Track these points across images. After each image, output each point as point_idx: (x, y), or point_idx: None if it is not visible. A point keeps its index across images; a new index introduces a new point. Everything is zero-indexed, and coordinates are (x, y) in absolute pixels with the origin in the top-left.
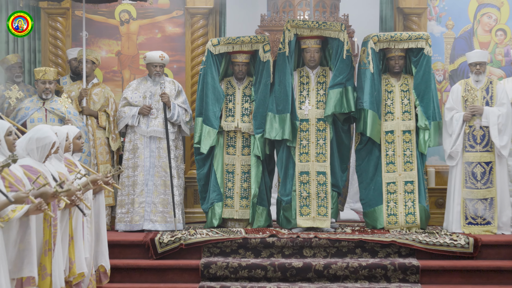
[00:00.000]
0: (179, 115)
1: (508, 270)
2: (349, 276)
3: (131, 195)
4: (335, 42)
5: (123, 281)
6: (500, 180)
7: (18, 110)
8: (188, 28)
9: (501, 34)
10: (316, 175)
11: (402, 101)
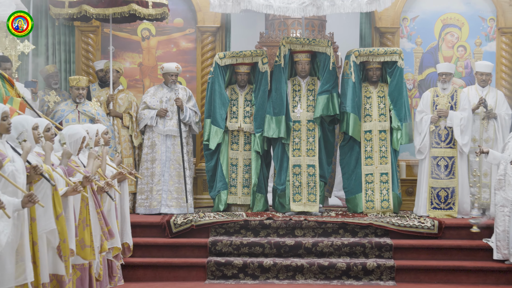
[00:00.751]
0: (190, 116)
1: (467, 248)
2: (333, 252)
3: (150, 184)
4: (323, 56)
5: (143, 256)
6: (461, 173)
7: (55, 112)
8: (199, 44)
9: (461, 50)
10: (306, 167)
11: (379, 106)
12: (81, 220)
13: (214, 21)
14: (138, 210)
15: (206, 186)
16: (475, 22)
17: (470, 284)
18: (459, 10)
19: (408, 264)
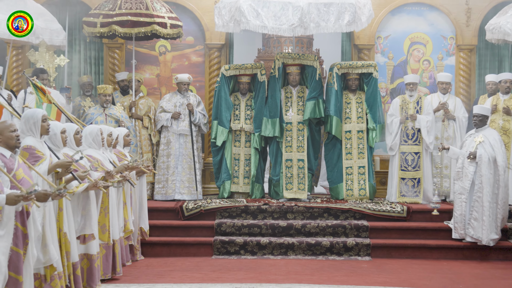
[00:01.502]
0: (199, 119)
1: (431, 229)
2: (319, 232)
3: (166, 175)
4: (310, 68)
5: (160, 236)
6: (425, 165)
7: (86, 115)
8: (207, 58)
9: (426, 63)
10: (297, 161)
11: (357, 110)
12: (103, 209)
13: (220, 39)
14: (156, 197)
15: (212, 177)
16: (438, 40)
17: (433, 259)
18: (424, 30)
19: (381, 243)
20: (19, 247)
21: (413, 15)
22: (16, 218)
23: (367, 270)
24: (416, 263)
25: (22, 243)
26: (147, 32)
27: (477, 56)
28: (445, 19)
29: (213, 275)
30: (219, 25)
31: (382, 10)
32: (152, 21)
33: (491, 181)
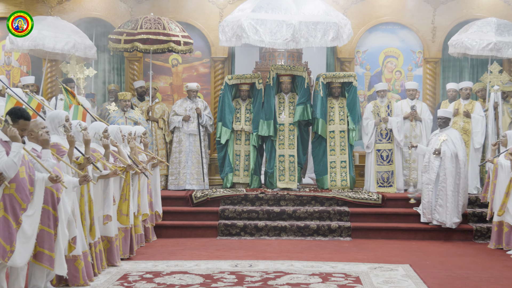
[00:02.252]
0: (206, 121)
1: (402, 214)
2: (307, 217)
3: (178, 168)
4: (300, 78)
5: (173, 220)
6: (397, 160)
7: (109, 117)
8: (212, 69)
9: (398, 74)
10: (288, 157)
11: (339, 113)
12: (122, 195)
13: (223, 53)
14: (170, 187)
15: (217, 170)
16: (408, 54)
17: (404, 240)
18: (396, 45)
19: (360, 225)
20: (51, 228)
21: (387, 33)
22: (48, 203)
23: (348, 248)
24: (390, 242)
25: (53, 225)
26: (164, 49)
27: (441, 68)
28: (414, 36)
29: (217, 253)
30: (223, 40)
31: (361, 29)
32: (169, 39)
33: (453, 173)
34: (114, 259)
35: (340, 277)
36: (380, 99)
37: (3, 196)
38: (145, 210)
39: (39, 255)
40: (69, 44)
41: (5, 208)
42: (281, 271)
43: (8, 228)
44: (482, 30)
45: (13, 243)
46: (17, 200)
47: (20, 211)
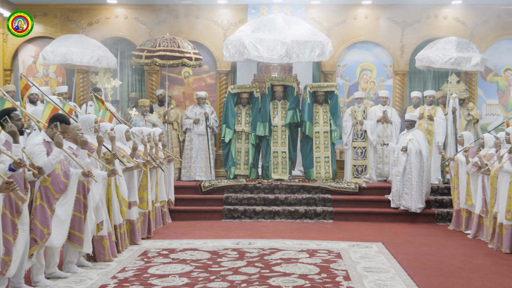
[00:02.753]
0: (213, 123)
1: (375, 200)
2: (297, 203)
3: (189, 163)
4: (290, 87)
5: (185, 205)
6: (370, 156)
7: (131, 120)
8: (218, 80)
9: (372, 84)
10: (281, 153)
11: (323, 117)
12: (141, 185)
13: (227, 67)
14: (182, 178)
15: (222, 164)
16: (380, 67)
17: (377, 222)
18: (371, 60)
19: (340, 210)
20: (82, 214)
21: (363, 50)
22: (80, 193)
23: (330, 229)
24: (365, 224)
25: (83, 210)
26: (178, 63)
27: (408, 79)
28: (386, 53)
29: (222, 233)
30: (227, 56)
31: (341, 46)
32: (182, 55)
33: (417, 166)
34: (136, 238)
35: (324, 253)
36: (358, 105)
37: (40, 188)
38: (162, 197)
39: (71, 236)
40: (94, 57)
41: (41, 197)
42: (275, 248)
43: (44, 214)
44: (445, 47)
45: (49, 226)
46: (51, 191)
47: (54, 200)
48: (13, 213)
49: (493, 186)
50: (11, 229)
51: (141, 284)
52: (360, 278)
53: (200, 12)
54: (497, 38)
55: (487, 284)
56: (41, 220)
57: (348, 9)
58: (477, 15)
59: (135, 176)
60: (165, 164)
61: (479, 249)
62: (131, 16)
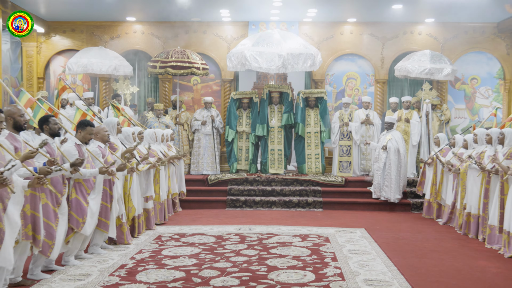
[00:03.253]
0: (218, 124)
1: (359, 192)
2: (291, 194)
3: (197, 159)
4: (286, 93)
5: (194, 196)
6: (354, 153)
7: (147, 122)
8: (222, 87)
9: (356, 91)
10: (277, 150)
11: (314, 119)
12: (154, 180)
13: (230, 76)
14: (192, 172)
15: (226, 160)
16: (364, 76)
17: (361, 210)
18: (355, 70)
19: (329, 200)
20: (108, 203)
21: (348, 61)
22: (107, 186)
23: (320, 217)
24: (350, 213)
25: (109, 200)
26: (188, 72)
27: (388, 86)
28: (368, 64)
29: (226, 220)
30: (230, 67)
31: (330, 58)
32: (191, 65)
33: (396, 163)
34: (151, 224)
35: (314, 237)
36: (345, 109)
37: (74, 184)
38: (174, 190)
39: (99, 222)
40: (112, 67)
41: (76, 191)
42: (272, 233)
43: (80, 206)
44: (420, 59)
45: (84, 217)
46: (84, 187)
47: (86, 195)
48: (54, 203)
49: (463, 181)
50: (53, 217)
51: (156, 264)
52: (346, 259)
53: (207, 28)
54: (464, 52)
55: (455, 264)
56: (76, 211)
57: (335, 26)
58: (447, 31)
59: (151, 174)
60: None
61: (449, 234)
62: (147, 31)
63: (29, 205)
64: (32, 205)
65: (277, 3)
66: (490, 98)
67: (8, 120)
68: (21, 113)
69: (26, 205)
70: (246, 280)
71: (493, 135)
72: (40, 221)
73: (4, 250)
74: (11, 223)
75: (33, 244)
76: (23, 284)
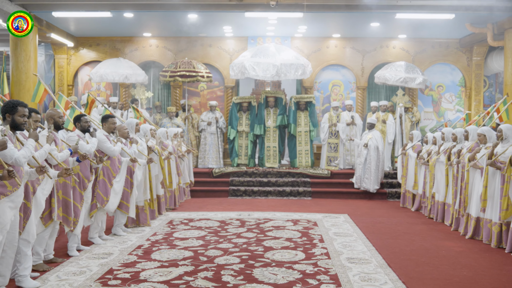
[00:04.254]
0: (221, 125)
1: (343, 183)
2: (284, 185)
3: (204, 154)
4: (280, 98)
5: (201, 186)
6: (340, 149)
7: (161, 123)
8: (225, 93)
9: (340, 96)
10: (272, 147)
11: (304, 120)
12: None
13: (232, 83)
14: (199, 166)
15: (228, 155)
16: (347, 84)
17: (344, 199)
18: (339, 78)
19: (317, 190)
20: (128, 189)
21: (334, 70)
22: (128, 174)
23: (309, 204)
24: (335, 201)
25: (130, 186)
26: (194, 80)
27: (367, 92)
28: (350, 73)
29: (228, 207)
30: (232, 75)
31: (317, 68)
32: (197, 74)
33: (375, 158)
34: (162, 209)
35: (304, 221)
36: (334, 111)
37: (103, 167)
38: (185, 180)
39: (121, 205)
40: (123, 76)
41: (104, 174)
42: (268, 218)
43: (105, 186)
44: (396, 69)
45: (108, 195)
46: (110, 171)
47: (112, 177)
48: (81, 187)
49: (431, 173)
50: (79, 198)
51: (168, 244)
52: (331, 240)
53: (212, 42)
54: (431, 63)
55: (424, 245)
56: (102, 190)
57: (322, 40)
58: (417, 46)
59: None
60: (186, 155)
61: (419, 219)
62: (161, 45)
63: (61, 191)
64: (63, 190)
65: (272, 21)
66: (453, 103)
67: (49, 121)
68: (60, 115)
69: (59, 191)
70: (246, 259)
71: (458, 133)
72: (71, 205)
73: (29, 226)
74: (37, 204)
75: (64, 224)
76: (54, 261)
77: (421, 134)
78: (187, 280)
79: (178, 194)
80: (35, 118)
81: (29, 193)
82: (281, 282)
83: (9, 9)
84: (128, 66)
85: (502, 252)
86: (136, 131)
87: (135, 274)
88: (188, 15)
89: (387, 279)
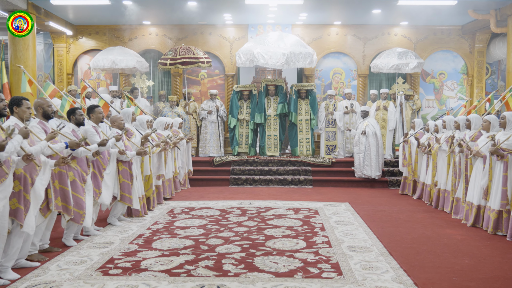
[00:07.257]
0: (222, 113)
1: (344, 171)
2: (285, 173)
3: (204, 143)
4: (280, 86)
5: (201, 175)
6: (339, 137)
7: (162, 112)
8: (226, 81)
9: (342, 84)
10: (273, 136)
11: (305, 109)
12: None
13: (232, 71)
14: (200, 155)
15: (229, 144)
16: (348, 71)
17: (345, 187)
18: (341, 66)
19: (318, 178)
20: (129, 181)
21: (335, 58)
22: (127, 166)
23: (310, 193)
24: (336, 189)
25: (130, 178)
26: (194, 66)
27: (368, 80)
28: (352, 60)
29: (229, 196)
30: (239, 63)
31: (318, 56)
32: (197, 60)
33: (375, 144)
34: (161, 199)
35: (305, 210)
36: (330, 100)
37: (92, 160)
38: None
39: (123, 197)
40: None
41: (94, 167)
42: (269, 207)
43: (96, 179)
44: (388, 56)
45: (100, 188)
46: (100, 163)
47: (102, 169)
48: (81, 180)
49: (434, 161)
50: (81, 191)
51: (169, 233)
52: (332, 229)
53: (213, 30)
54: (433, 50)
55: (425, 232)
56: (94, 183)
57: (323, 28)
58: (419, 33)
59: (162, 156)
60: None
61: (420, 207)
62: (160, 33)
63: (57, 181)
64: (60, 180)
65: (273, 8)
66: (455, 90)
67: (38, 110)
68: (49, 104)
69: (55, 181)
70: (247, 248)
71: (460, 121)
72: (69, 193)
73: (28, 218)
74: (36, 196)
75: (65, 213)
76: (50, 250)
77: (423, 122)
78: (188, 269)
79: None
80: (26, 105)
81: (27, 185)
82: (282, 271)
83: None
84: (133, 54)
85: (504, 239)
86: (133, 121)
87: (136, 263)
88: (188, 2)
89: (388, 267)
